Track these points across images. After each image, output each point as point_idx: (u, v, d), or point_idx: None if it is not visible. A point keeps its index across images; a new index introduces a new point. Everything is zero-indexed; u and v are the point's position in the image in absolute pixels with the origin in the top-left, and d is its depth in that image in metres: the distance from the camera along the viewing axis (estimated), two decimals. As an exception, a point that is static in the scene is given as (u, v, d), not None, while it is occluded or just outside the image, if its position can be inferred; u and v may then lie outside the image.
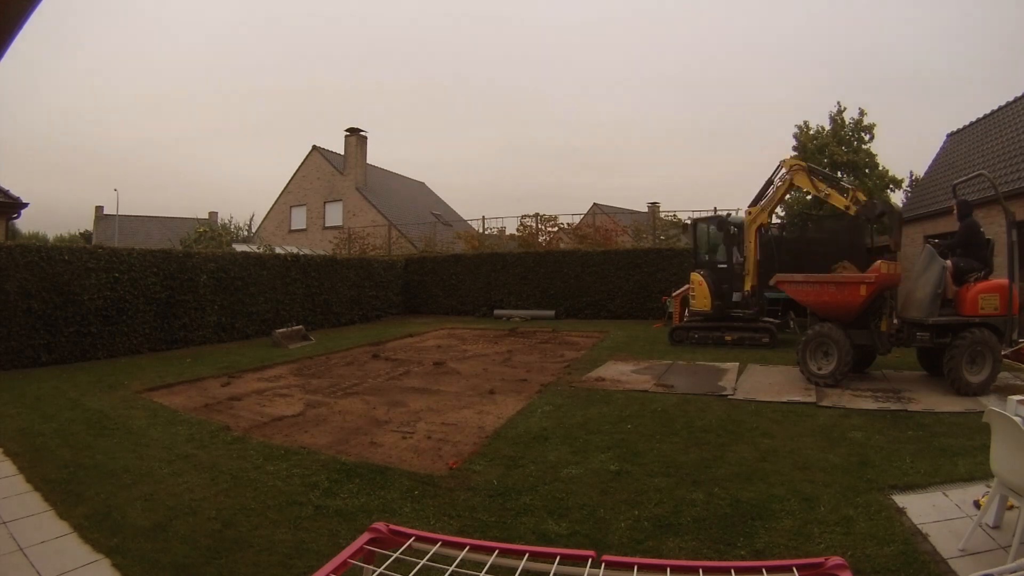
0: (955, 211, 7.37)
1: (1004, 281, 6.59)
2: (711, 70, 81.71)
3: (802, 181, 8.59)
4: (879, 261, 7.55)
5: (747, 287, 9.98)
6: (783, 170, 8.88)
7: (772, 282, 8.04)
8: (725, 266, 10.88)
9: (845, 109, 23.58)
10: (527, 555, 1.14)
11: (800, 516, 3.45)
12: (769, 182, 9.13)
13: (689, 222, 12.88)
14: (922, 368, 7.73)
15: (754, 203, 9.53)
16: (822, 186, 8.46)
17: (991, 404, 3.28)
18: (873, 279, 7.04)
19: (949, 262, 6.83)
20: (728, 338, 10.47)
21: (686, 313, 11.69)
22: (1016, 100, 13.10)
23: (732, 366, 8.46)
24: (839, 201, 8.27)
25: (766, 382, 7.31)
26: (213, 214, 35.84)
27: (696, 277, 10.92)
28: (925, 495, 3.72)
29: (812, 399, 6.30)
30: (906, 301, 7.30)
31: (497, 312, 17.17)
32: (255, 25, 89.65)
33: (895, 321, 7.31)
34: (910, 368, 8.05)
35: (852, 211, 8.18)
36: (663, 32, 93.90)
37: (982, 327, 6.46)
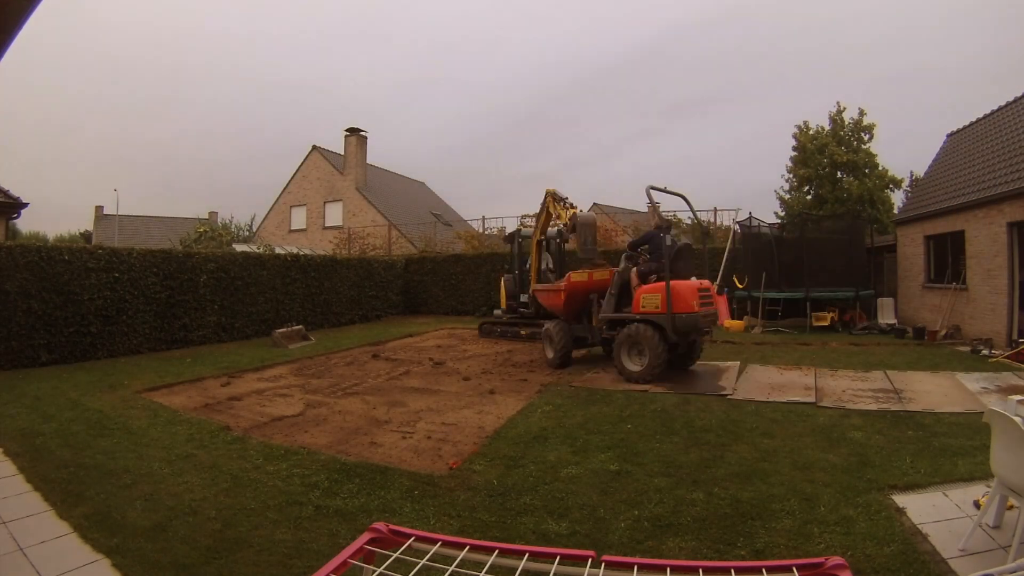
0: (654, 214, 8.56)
1: (662, 284, 7.33)
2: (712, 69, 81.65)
3: (551, 206, 9.75)
4: (572, 272, 8.92)
5: (530, 290, 11.27)
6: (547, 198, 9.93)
7: (531, 291, 9.64)
8: (517, 272, 12.65)
9: (845, 109, 23.56)
10: (527, 555, 1.14)
11: (800, 516, 3.45)
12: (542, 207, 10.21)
13: (507, 233, 15.35)
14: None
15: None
16: (559, 208, 9.48)
17: (991, 404, 3.28)
18: (563, 286, 8.69)
19: (635, 268, 7.98)
20: (523, 332, 12.20)
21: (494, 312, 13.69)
22: (1016, 100, 13.09)
23: (732, 365, 8.46)
24: (563, 218, 9.34)
25: (766, 382, 7.31)
26: (213, 214, 35.81)
27: (501, 281, 13.30)
28: (925, 495, 3.72)
29: (811, 399, 6.30)
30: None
31: (497, 312, 17.16)
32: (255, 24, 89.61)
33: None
34: (912, 368, 8.04)
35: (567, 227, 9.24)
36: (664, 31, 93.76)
37: (642, 323, 7.39)
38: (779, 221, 21.03)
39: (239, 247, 18.40)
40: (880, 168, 23.00)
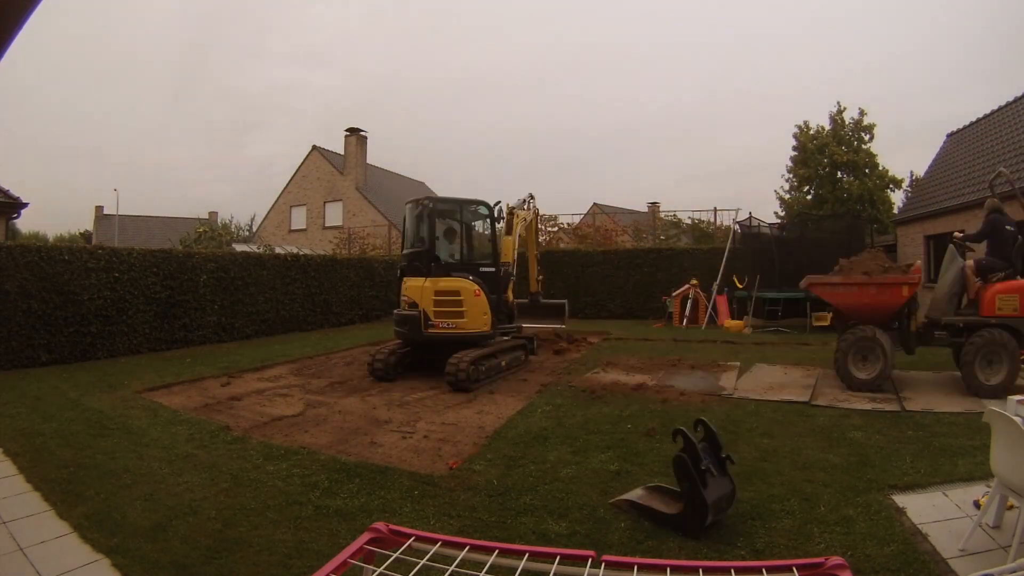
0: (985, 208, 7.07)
1: (1019, 282, 6.37)
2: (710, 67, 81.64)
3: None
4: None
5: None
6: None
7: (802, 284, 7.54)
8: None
9: (845, 109, 23.57)
10: (527, 555, 1.14)
11: (800, 516, 3.45)
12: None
13: None
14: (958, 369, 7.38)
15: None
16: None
17: (991, 404, 3.28)
18: (914, 279, 6.79)
19: (970, 261, 6.69)
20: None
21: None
22: (1016, 100, 13.10)
23: (735, 365, 8.45)
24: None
25: (766, 382, 7.31)
26: (213, 214, 35.83)
27: None
28: (925, 495, 3.71)
29: (806, 398, 6.30)
30: (932, 300, 7.15)
31: None
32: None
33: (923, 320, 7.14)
34: (917, 369, 8.04)
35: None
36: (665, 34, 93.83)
37: (999, 328, 6.27)
38: (779, 221, 21.05)
39: (239, 247, 18.40)
40: (880, 168, 23.01)
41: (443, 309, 7.67)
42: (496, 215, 8.77)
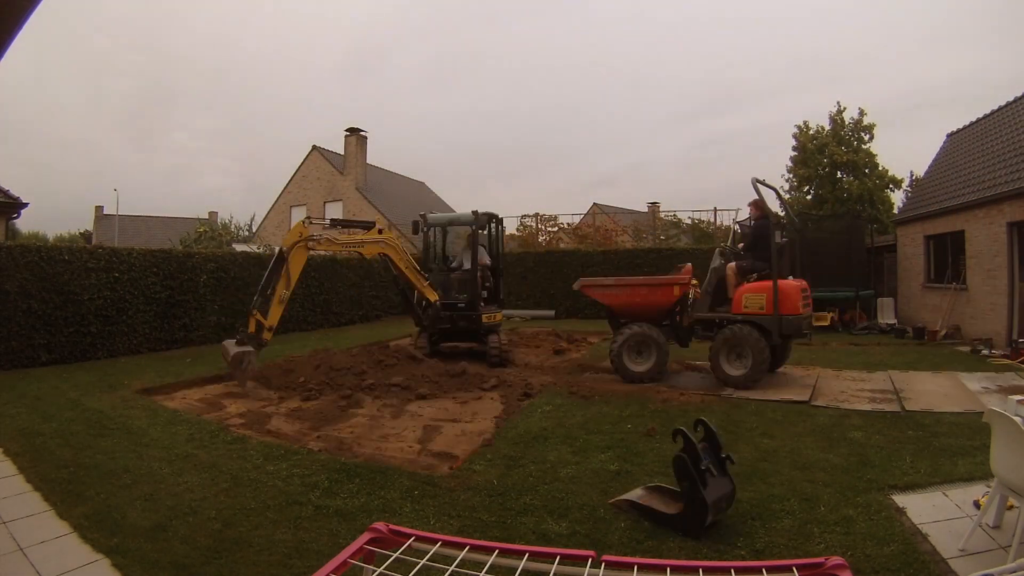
0: (751, 210, 7.67)
1: (769, 283, 6.88)
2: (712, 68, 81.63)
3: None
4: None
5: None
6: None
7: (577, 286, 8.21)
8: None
9: (845, 109, 23.56)
10: (527, 555, 1.14)
11: (800, 516, 3.45)
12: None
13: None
14: None
15: None
16: (337, 243, 8.36)
17: (991, 404, 3.28)
18: (685, 279, 7.44)
19: (732, 264, 7.30)
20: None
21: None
22: (1016, 100, 13.09)
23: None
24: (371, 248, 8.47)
25: (766, 381, 7.30)
26: (213, 214, 35.78)
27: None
28: (925, 495, 3.72)
29: (806, 398, 6.31)
30: (698, 298, 7.69)
31: None
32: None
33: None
34: (917, 369, 8.04)
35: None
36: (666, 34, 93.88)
37: (744, 324, 6.83)
38: (780, 221, 21.02)
39: (239, 247, 18.40)
40: (880, 168, 23.00)
41: None
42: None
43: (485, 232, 9.70)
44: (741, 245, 7.78)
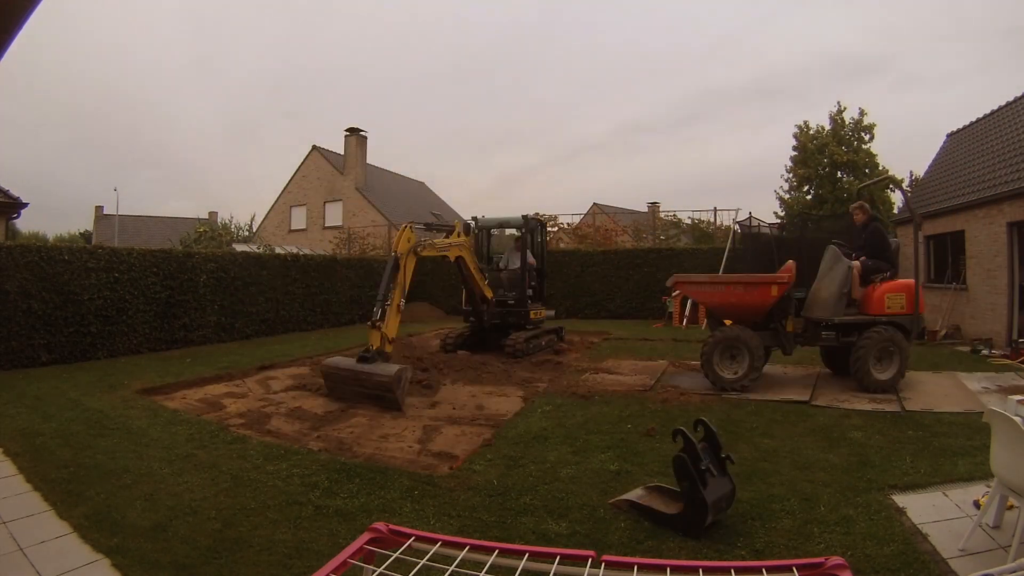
0: (860, 215, 7.47)
1: (910, 281, 6.81)
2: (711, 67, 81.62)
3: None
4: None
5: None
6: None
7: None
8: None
9: (845, 109, 23.61)
10: (527, 555, 1.14)
11: (800, 516, 3.45)
12: None
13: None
14: (825, 366, 7.85)
15: None
16: (435, 249, 8.17)
17: (991, 404, 3.28)
18: (785, 278, 6.95)
19: (857, 262, 6.92)
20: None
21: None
22: (1016, 100, 13.09)
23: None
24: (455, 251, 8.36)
25: (766, 382, 7.30)
26: (213, 214, 35.80)
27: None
28: (925, 495, 3.72)
29: (806, 398, 6.31)
30: (811, 301, 7.20)
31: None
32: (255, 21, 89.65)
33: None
34: (917, 369, 8.03)
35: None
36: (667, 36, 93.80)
37: (889, 325, 6.57)
38: (779, 221, 21.04)
39: (239, 247, 18.39)
40: (880, 168, 23.01)
41: None
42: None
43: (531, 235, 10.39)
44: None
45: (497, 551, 1.16)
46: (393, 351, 6.97)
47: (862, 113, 23.33)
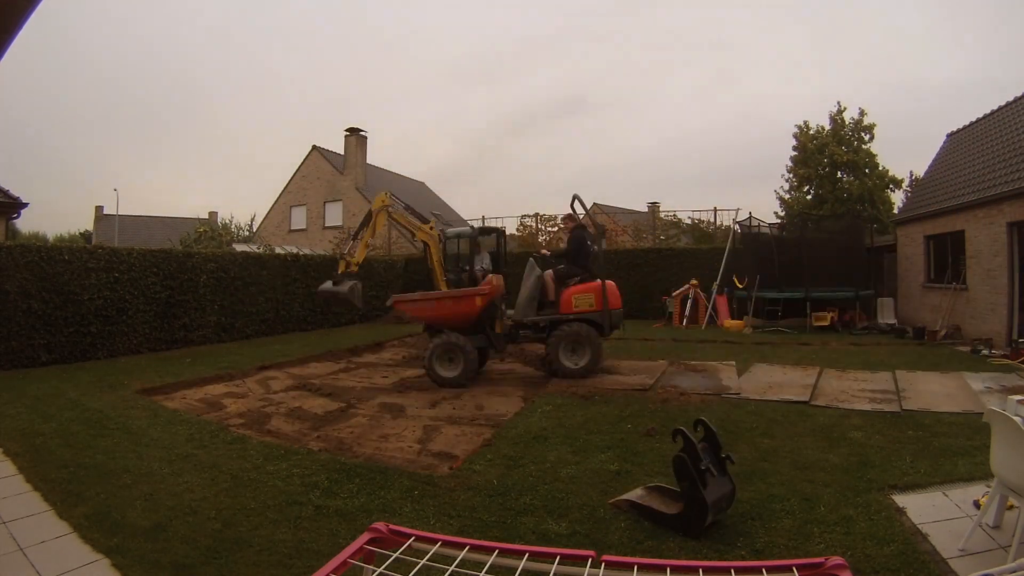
0: (567, 224, 8.36)
1: (599, 283, 7.68)
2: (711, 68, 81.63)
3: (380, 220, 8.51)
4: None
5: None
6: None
7: (388, 303, 8.73)
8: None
9: (845, 109, 23.60)
10: (527, 555, 1.14)
11: (800, 516, 3.45)
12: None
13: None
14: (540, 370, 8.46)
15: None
16: (405, 219, 8.67)
17: (991, 404, 3.29)
18: (487, 290, 7.74)
19: (550, 271, 8.03)
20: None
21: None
22: (1016, 100, 13.08)
23: (732, 364, 8.45)
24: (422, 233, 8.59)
25: (766, 381, 7.31)
26: (213, 214, 35.80)
27: None
28: (925, 495, 3.72)
29: (806, 398, 6.32)
30: (516, 305, 8.15)
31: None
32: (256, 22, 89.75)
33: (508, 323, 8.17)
34: (912, 369, 8.04)
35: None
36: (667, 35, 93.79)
37: (579, 322, 7.61)
38: (779, 221, 21.06)
39: (239, 247, 18.40)
40: (880, 168, 23.02)
41: None
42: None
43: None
44: (544, 252, 8.86)
45: (497, 551, 1.16)
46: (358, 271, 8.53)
47: (862, 113, 23.35)
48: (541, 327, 7.90)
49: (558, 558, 1.14)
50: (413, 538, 1.21)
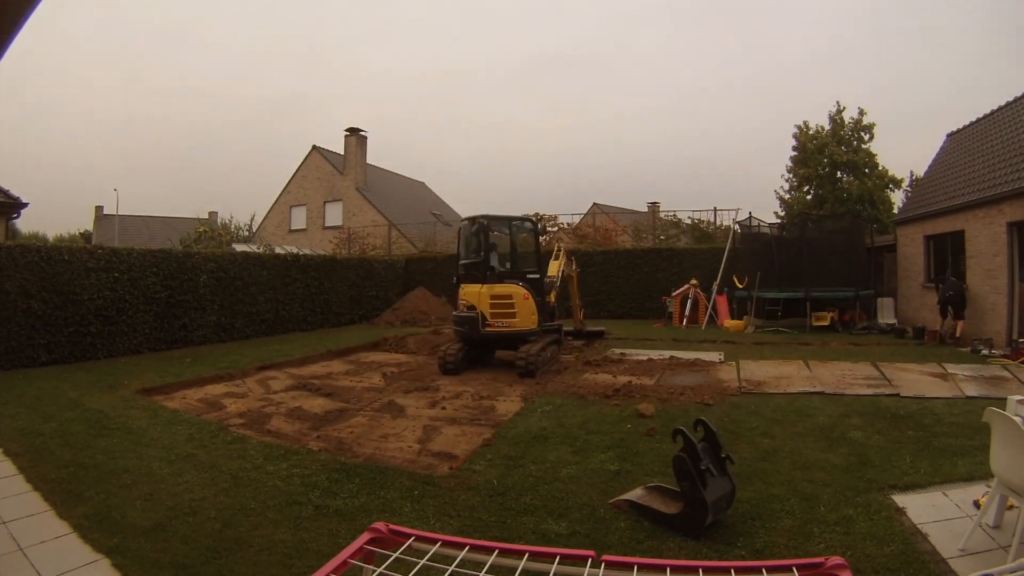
0: None
1: None
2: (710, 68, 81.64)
3: None
4: None
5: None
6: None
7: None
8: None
9: (845, 109, 23.60)
10: (527, 555, 1.14)
11: (800, 516, 3.45)
12: None
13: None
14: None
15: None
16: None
17: (991, 404, 3.29)
18: None
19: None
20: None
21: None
22: (1016, 100, 13.07)
23: (732, 364, 8.44)
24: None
25: (762, 375, 7.33)
26: (213, 214, 35.77)
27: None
28: (925, 495, 3.72)
29: (818, 388, 6.45)
30: None
31: None
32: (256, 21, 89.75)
33: None
34: (903, 361, 8.05)
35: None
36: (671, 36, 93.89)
37: None
38: (779, 221, 21.05)
39: (239, 247, 18.39)
40: (880, 168, 23.02)
41: (498, 311, 8.71)
42: (539, 229, 10.38)
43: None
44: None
45: (497, 551, 1.16)
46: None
47: (861, 113, 23.35)
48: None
49: (558, 558, 1.14)
50: (413, 538, 1.21)
